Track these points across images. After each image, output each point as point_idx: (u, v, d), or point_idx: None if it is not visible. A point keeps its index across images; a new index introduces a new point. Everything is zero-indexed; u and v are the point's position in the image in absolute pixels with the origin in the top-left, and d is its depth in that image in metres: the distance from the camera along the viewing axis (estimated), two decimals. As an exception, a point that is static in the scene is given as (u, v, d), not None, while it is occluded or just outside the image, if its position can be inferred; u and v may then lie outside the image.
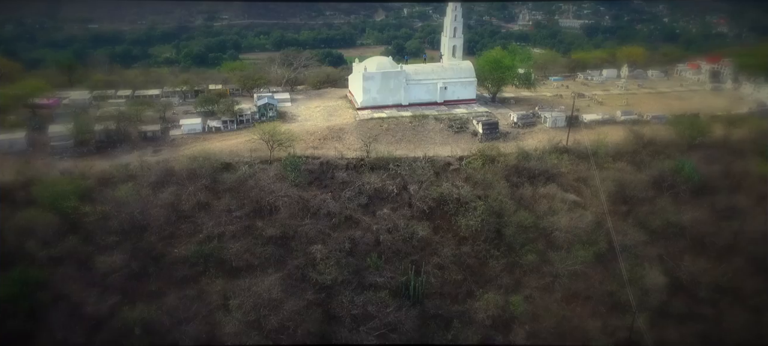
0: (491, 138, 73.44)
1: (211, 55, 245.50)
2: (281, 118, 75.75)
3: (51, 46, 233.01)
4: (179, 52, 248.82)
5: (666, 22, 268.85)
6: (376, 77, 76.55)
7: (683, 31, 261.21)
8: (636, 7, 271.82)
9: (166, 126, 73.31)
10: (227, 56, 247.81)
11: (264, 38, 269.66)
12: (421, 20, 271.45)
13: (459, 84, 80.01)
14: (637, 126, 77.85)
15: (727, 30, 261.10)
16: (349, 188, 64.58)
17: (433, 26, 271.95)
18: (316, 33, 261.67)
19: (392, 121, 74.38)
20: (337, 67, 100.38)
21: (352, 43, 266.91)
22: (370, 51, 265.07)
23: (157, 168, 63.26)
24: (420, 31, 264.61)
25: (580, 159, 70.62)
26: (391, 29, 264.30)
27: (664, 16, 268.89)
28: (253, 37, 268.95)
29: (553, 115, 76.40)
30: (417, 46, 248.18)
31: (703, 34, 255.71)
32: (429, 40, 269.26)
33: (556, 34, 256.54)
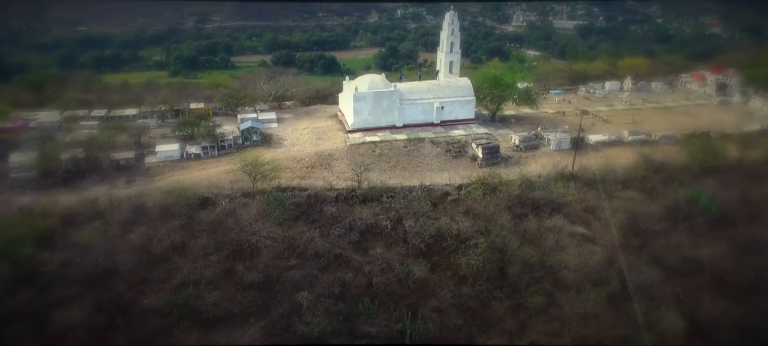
0: (492, 163, 67.05)
1: (202, 59, 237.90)
2: (266, 143, 68.99)
3: (38, 49, 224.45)
4: (169, 55, 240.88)
5: (660, 23, 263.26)
6: (368, 97, 69.87)
7: (677, 32, 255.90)
8: (629, 8, 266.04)
9: (141, 153, 66.33)
10: (218, 59, 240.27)
11: (256, 40, 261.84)
12: (415, 22, 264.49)
13: (457, 103, 73.44)
14: (645, 147, 71.78)
15: (720, 31, 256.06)
16: (338, 223, 57.97)
17: (426, 28, 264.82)
18: (308, 35, 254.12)
19: (386, 145, 67.77)
20: (328, 80, 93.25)
21: (345, 45, 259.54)
22: (364, 53, 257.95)
23: (127, 204, 56.44)
24: (413, 33, 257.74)
25: (588, 187, 64.38)
26: (385, 31, 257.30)
27: (658, 17, 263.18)
28: (244, 39, 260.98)
29: (557, 137, 70.05)
30: (410, 48, 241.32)
31: (696, 35, 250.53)
32: (423, 42, 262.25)
33: (551, 35, 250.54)
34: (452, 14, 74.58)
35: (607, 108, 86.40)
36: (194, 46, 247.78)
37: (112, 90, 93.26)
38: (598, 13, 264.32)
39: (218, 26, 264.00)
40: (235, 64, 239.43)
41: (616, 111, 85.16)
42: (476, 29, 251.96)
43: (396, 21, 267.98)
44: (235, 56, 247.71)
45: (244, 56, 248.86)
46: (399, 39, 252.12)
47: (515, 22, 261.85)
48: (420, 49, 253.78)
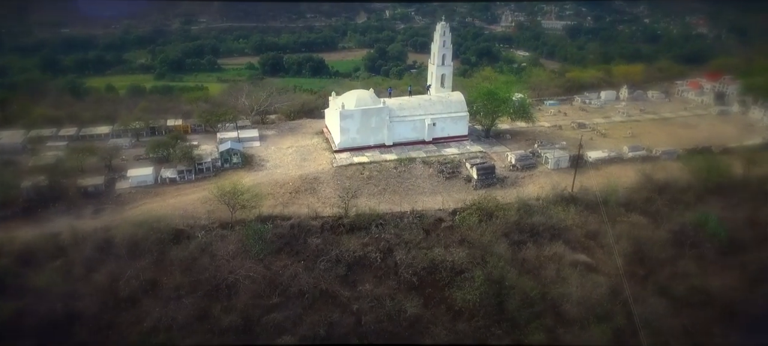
0: (487, 184, 62.23)
1: (188, 61, 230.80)
2: (247, 165, 63.57)
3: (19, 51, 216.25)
4: (155, 57, 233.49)
5: (647, 23, 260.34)
6: (355, 115, 64.66)
7: (664, 32, 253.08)
8: (617, 8, 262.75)
9: (112, 177, 60.63)
10: (205, 62, 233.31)
11: (243, 42, 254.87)
12: (404, 22, 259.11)
13: (449, 120, 68.47)
14: (646, 164, 67.37)
15: (706, 31, 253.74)
16: (324, 256, 52.81)
17: (415, 29, 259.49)
18: (296, 36, 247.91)
19: (374, 167, 62.66)
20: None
21: (333, 46, 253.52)
22: (352, 54, 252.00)
23: (93, 238, 50.92)
24: (402, 34, 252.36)
25: (589, 210, 59.77)
26: (373, 32, 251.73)
27: (645, 17, 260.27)
28: (231, 41, 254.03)
29: (555, 156, 65.35)
30: (399, 50, 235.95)
31: (683, 36, 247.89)
32: (412, 43, 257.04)
33: (539, 35, 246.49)
34: (444, 25, 69.44)
35: (605, 120, 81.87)
36: (180, 49, 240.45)
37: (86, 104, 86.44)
38: (587, 12, 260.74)
39: (204, 28, 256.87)
40: (221, 66, 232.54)
41: (614, 123, 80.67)
42: (465, 30, 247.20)
43: (384, 22, 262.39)
44: (222, 58, 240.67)
45: (231, 58, 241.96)
46: (388, 40, 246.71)
47: (504, 23, 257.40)
48: (409, 50, 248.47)
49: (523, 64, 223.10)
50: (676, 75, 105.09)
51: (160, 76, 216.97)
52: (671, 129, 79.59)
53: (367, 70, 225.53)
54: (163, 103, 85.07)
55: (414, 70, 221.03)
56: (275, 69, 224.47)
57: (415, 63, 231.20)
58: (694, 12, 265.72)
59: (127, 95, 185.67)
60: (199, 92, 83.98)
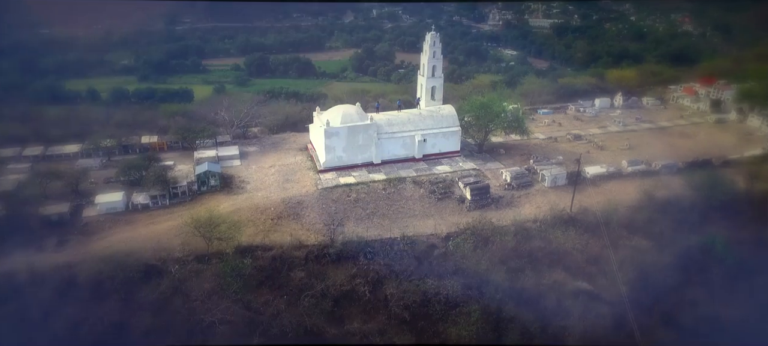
0: (481, 205, 57.88)
1: (172, 62, 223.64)
2: (226, 187, 58.49)
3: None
4: (138, 58, 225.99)
5: (633, 21, 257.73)
6: (341, 133, 59.87)
7: (650, 30, 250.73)
8: (604, 6, 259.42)
9: (79, 204, 55.29)
10: (189, 63, 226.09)
11: (228, 43, 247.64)
12: (391, 21, 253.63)
13: (440, 135, 63.96)
14: (646, 179, 63.53)
15: (691, 29, 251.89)
16: (309, 290, 48.23)
17: (403, 28, 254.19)
18: (283, 36, 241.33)
19: (362, 188, 57.95)
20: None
21: (320, 46, 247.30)
22: (340, 54, 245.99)
23: (54, 277, 45.80)
24: (390, 33, 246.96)
25: (589, 232, 55.69)
26: (361, 31, 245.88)
27: (631, 15, 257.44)
28: (217, 41, 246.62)
29: (552, 173, 61.15)
30: (387, 49, 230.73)
31: (669, 34, 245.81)
32: (399, 42, 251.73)
33: (527, 34, 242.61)
34: (433, 35, 64.73)
35: (601, 130, 77.86)
36: (164, 50, 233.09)
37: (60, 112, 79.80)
38: (574, 10, 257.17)
39: (189, 28, 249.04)
40: (206, 67, 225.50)
41: (611, 134, 76.67)
42: (453, 29, 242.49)
43: (372, 21, 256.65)
44: (207, 59, 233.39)
45: (216, 59, 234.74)
46: (375, 39, 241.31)
47: (491, 21, 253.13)
48: (397, 49, 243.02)
49: (512, 63, 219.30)
50: (670, 79, 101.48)
51: (143, 78, 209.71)
52: (669, 139, 75.82)
53: (354, 71, 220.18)
54: (139, 116, 79.18)
55: (402, 69, 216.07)
56: (261, 70, 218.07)
57: (403, 63, 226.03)
58: (679, 10, 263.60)
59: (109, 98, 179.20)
60: (177, 106, 78.06)
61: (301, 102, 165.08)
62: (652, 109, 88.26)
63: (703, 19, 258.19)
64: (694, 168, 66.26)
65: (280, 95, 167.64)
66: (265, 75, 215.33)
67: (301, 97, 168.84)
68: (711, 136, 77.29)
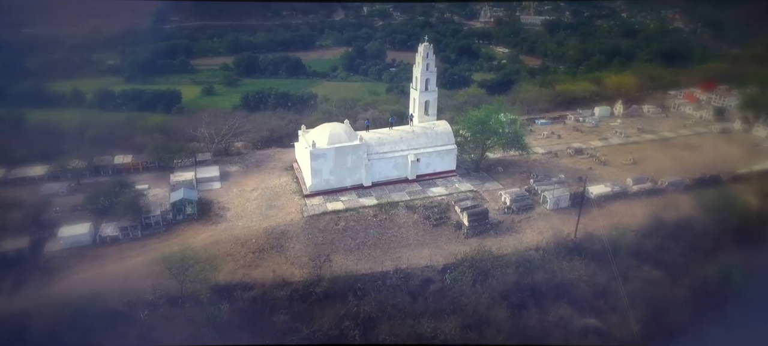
0: (480, 231, 52.95)
1: (159, 62, 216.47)
2: (204, 215, 53.00)
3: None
4: (124, 58, 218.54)
5: (624, 18, 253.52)
6: (328, 155, 54.54)
7: (642, 27, 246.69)
8: (595, 3, 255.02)
9: (41, 237, 49.61)
10: (177, 63, 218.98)
11: (217, 42, 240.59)
12: (382, 19, 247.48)
13: (435, 154, 58.83)
14: (653, 199, 59.00)
15: (682, 26, 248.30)
16: (293, 335, 43.17)
17: (393, 25, 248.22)
18: (272, 35, 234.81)
19: (351, 215, 52.76)
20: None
21: (310, 45, 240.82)
22: (330, 53, 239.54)
23: (4, 329, 40.35)
24: (381, 31, 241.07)
25: (596, 261, 50.85)
26: (351, 29, 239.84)
27: (622, 12, 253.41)
28: (205, 40, 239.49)
29: (554, 195, 56.30)
30: (378, 48, 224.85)
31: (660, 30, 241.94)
32: (390, 40, 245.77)
33: (519, 31, 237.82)
34: (427, 47, 59.38)
35: (602, 143, 73.08)
36: (151, 49, 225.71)
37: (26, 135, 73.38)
38: (565, 7, 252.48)
39: (177, 27, 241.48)
40: (195, 67, 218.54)
41: (613, 147, 71.92)
42: (444, 26, 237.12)
43: (363, 19, 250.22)
44: (196, 59, 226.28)
45: (204, 59, 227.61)
46: (366, 38, 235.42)
47: (483, 18, 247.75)
48: (388, 47, 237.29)
49: (504, 61, 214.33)
50: (669, 84, 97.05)
51: (130, 79, 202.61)
52: (673, 152, 71.23)
53: (345, 70, 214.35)
54: (115, 131, 72.92)
55: (393, 68, 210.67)
56: (250, 70, 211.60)
57: (395, 61, 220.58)
58: (669, 6, 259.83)
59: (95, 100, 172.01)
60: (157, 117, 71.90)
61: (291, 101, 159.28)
62: (653, 117, 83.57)
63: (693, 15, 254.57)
64: (702, 185, 61.76)
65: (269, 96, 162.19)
66: (254, 75, 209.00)
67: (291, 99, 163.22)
68: (716, 147, 72.77)
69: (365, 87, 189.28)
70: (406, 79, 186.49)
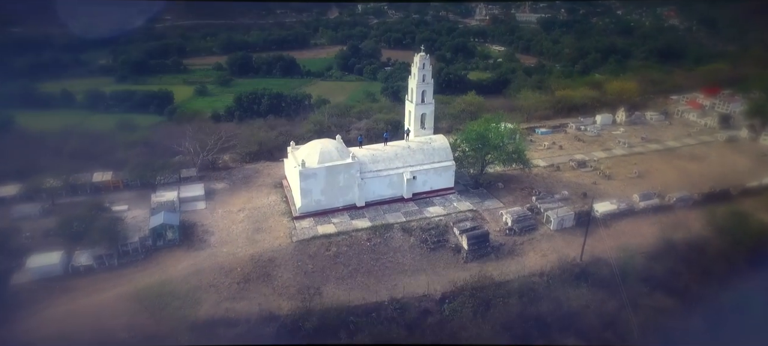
0: (480, 255, 49.20)
1: (152, 62, 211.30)
2: (187, 240, 48.87)
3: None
4: (116, 58, 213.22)
5: (620, 15, 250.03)
6: (319, 174, 50.54)
7: (637, 24, 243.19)
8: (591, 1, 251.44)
9: (8, 267, 45.39)
10: (170, 63, 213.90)
11: (211, 40, 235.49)
12: (377, 17, 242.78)
13: (432, 171, 54.90)
14: (661, 216, 55.42)
15: (678, 23, 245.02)
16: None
17: (388, 23, 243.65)
18: (266, 34, 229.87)
19: (343, 240, 48.85)
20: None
21: (305, 43, 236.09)
22: (325, 52, 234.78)
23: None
24: (376, 29, 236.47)
25: (603, 287, 47.15)
26: (346, 27, 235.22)
27: (618, 9, 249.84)
28: (198, 39, 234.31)
29: (558, 215, 52.55)
30: (373, 46, 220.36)
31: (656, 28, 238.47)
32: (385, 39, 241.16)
33: (514, 30, 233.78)
34: (423, 57, 55.28)
35: (605, 154, 69.38)
36: (143, 49, 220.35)
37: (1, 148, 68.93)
38: (560, 5, 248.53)
39: (170, 25, 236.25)
40: (188, 67, 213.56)
41: (616, 158, 68.23)
42: (439, 24, 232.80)
43: (357, 17, 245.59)
44: (189, 58, 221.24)
45: (198, 58, 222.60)
46: (361, 36, 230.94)
47: (478, 16, 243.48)
48: (383, 46, 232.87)
49: (499, 60, 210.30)
50: (671, 88, 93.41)
51: (121, 79, 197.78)
52: (679, 163, 67.65)
53: (339, 69, 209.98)
54: (97, 143, 68.47)
55: (388, 67, 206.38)
56: (244, 69, 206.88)
57: (390, 60, 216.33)
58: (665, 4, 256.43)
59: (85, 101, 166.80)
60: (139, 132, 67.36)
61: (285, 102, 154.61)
62: (656, 125, 79.92)
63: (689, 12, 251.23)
64: (712, 200, 58.21)
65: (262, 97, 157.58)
66: (248, 74, 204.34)
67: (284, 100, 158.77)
68: (723, 158, 69.24)
69: (360, 87, 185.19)
70: (401, 78, 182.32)
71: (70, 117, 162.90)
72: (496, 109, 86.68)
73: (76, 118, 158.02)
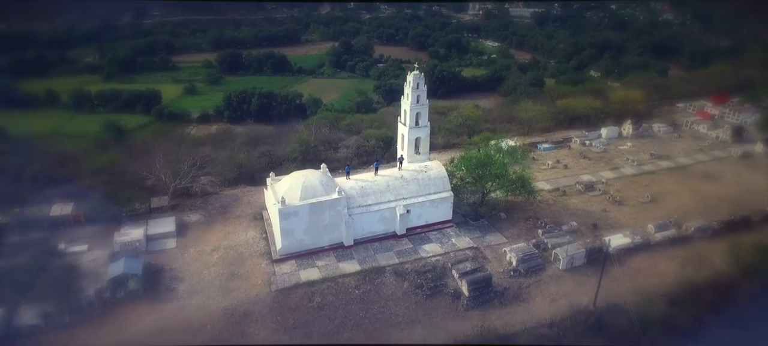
0: (482, 302, 42.92)
1: (139, 59, 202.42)
2: (152, 289, 42.14)
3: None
4: (103, 55, 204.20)
5: (614, 10, 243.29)
6: (301, 213, 43.87)
7: (631, 19, 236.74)
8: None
9: (-58, 328, 38.72)
10: (158, 60, 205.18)
11: (200, 37, 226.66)
12: (369, 12, 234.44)
13: (428, 204, 48.35)
14: (680, 250, 49.35)
15: (672, 17, 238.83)
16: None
17: (381, 19, 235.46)
18: (257, 30, 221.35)
19: (329, 287, 42.35)
20: (252, 153, 63.45)
21: (296, 39, 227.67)
22: (316, 48, 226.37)
23: None
24: (368, 25, 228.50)
25: (622, 339, 41.42)
26: (338, 23, 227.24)
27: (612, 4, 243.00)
28: (187, 36, 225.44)
29: (567, 252, 46.33)
30: (365, 43, 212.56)
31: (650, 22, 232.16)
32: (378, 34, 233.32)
33: (508, 25, 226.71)
34: (417, 76, 48.42)
35: (614, 174, 63.08)
36: (131, 46, 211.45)
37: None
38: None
39: (158, 22, 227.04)
40: (176, 65, 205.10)
41: (626, 179, 61.99)
42: (433, 19, 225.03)
43: (349, 12, 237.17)
44: (177, 56, 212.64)
45: (186, 55, 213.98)
46: (353, 32, 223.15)
47: (471, 11, 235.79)
48: (375, 42, 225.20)
49: (493, 56, 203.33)
50: (677, 95, 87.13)
51: (108, 77, 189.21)
52: (693, 183, 61.54)
53: (331, 66, 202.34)
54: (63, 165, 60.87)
55: (381, 63, 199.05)
56: (234, 67, 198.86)
57: (383, 56, 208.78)
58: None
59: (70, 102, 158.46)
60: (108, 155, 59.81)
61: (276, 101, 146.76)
62: (665, 138, 73.68)
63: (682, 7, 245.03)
64: (732, 230, 52.19)
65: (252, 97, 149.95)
66: (238, 72, 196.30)
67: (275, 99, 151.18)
68: (739, 177, 63.18)
69: (353, 84, 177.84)
70: (394, 75, 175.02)
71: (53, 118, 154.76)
72: (494, 119, 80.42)
73: (60, 120, 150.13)
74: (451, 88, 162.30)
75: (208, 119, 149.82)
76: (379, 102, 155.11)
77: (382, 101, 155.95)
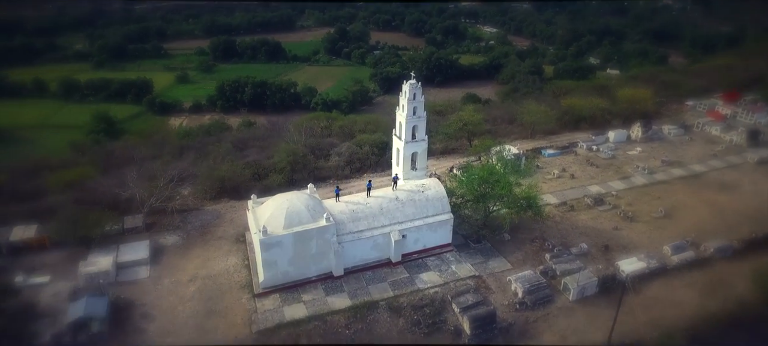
0: (485, 339, 38.27)
1: (130, 47, 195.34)
2: (119, 330, 37.08)
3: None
4: (93, 43, 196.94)
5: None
6: (286, 242, 38.70)
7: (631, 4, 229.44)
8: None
9: None
10: (149, 47, 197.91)
11: (193, 23, 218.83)
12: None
13: (425, 227, 43.26)
14: (698, 275, 44.62)
15: (671, 2, 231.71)
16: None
17: (377, 4, 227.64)
18: (251, 16, 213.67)
19: (316, 327, 37.37)
20: (236, 163, 57.69)
21: (290, 25, 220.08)
22: (311, 34, 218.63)
23: None
24: (364, 10, 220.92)
25: (639, 384, 36.89)
26: (333, 8, 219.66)
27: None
28: (180, 22, 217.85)
29: (578, 283, 41.47)
30: (361, 29, 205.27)
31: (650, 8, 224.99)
32: (374, 20, 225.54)
33: (506, 10, 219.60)
34: (414, 86, 42.84)
35: (624, 184, 57.97)
36: (122, 32, 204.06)
37: None
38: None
39: (150, 7, 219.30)
40: (168, 52, 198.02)
41: (637, 190, 56.92)
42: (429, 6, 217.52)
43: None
44: (169, 43, 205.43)
45: (179, 42, 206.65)
46: (348, 18, 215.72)
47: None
48: (371, 28, 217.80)
49: (492, 42, 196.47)
50: (686, 93, 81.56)
51: (98, 65, 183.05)
52: (708, 195, 56.52)
53: (327, 53, 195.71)
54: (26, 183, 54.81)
55: (377, 50, 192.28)
56: (227, 54, 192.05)
57: (379, 43, 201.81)
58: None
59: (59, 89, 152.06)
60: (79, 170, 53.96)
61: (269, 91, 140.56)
62: (676, 141, 68.45)
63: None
64: (755, 249, 47.42)
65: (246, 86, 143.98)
66: (231, 59, 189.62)
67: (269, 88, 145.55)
68: (756, 185, 58.17)
69: (348, 72, 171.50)
70: (390, 63, 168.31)
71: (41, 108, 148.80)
72: (495, 119, 75.01)
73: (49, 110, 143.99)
74: (449, 76, 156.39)
75: (200, 109, 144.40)
76: (376, 91, 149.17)
77: (378, 90, 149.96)
